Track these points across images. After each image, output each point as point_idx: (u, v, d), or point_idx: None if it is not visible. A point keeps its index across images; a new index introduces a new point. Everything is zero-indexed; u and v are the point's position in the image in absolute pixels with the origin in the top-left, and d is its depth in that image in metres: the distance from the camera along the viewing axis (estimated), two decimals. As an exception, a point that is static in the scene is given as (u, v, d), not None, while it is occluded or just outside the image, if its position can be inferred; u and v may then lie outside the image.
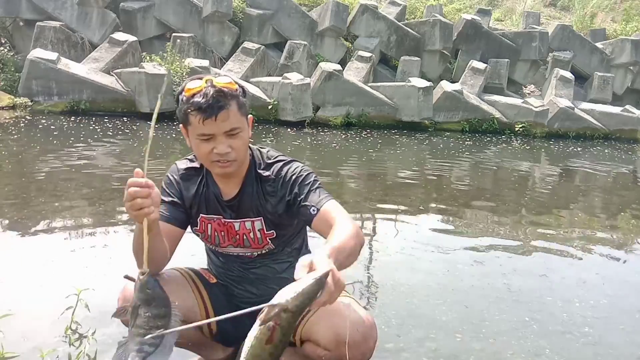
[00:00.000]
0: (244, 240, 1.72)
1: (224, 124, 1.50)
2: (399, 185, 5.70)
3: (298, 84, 8.78)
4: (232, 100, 1.51)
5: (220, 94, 1.48)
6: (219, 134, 1.51)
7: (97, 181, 4.77)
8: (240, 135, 1.55)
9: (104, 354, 1.97)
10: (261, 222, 1.69)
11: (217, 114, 1.48)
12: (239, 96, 1.55)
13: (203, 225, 1.73)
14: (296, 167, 1.68)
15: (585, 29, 13.38)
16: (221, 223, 1.71)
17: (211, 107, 1.47)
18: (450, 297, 2.79)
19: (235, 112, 1.52)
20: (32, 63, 7.89)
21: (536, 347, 2.32)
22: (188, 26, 10.05)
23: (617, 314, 2.76)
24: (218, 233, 1.73)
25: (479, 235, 4.04)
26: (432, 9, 12.26)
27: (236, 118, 1.52)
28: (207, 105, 1.47)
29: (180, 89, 1.57)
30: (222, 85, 1.51)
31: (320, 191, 1.62)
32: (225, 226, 1.72)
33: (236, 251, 1.76)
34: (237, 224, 1.70)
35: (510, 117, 10.44)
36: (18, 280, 2.62)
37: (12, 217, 3.59)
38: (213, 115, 1.48)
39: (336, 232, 1.43)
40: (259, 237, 1.71)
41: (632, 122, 11.00)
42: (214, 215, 1.71)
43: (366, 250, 3.47)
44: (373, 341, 1.64)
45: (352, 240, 1.41)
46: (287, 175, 1.65)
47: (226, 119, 1.50)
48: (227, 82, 1.53)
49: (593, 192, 6.28)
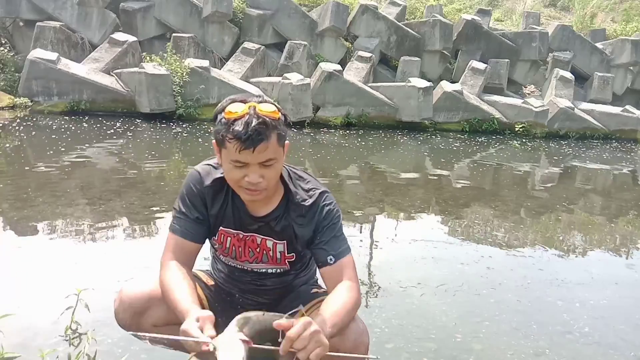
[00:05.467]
0: (263, 256, 1.70)
1: (261, 155, 1.44)
2: (398, 185, 5.69)
3: (298, 84, 8.78)
4: (273, 131, 1.44)
5: (262, 125, 1.40)
6: (253, 163, 1.45)
7: (97, 181, 4.77)
8: (275, 166, 1.49)
9: (104, 354, 1.97)
10: (284, 246, 1.68)
11: (256, 146, 1.41)
12: (280, 126, 1.47)
13: (222, 237, 1.71)
14: (329, 203, 1.64)
15: (585, 29, 13.39)
16: (240, 238, 1.68)
17: (251, 139, 1.40)
18: (450, 297, 2.79)
19: (274, 143, 1.45)
20: (32, 63, 7.89)
21: (536, 347, 2.32)
22: (188, 26, 10.05)
23: (617, 314, 2.76)
24: (236, 248, 1.70)
25: (479, 235, 4.04)
26: (432, 9, 12.27)
27: (274, 149, 1.45)
28: (247, 136, 1.39)
29: (220, 107, 1.49)
30: (266, 114, 1.43)
31: (342, 239, 1.62)
32: (245, 241, 1.69)
33: (252, 266, 1.73)
34: (259, 238, 1.68)
35: (510, 117, 10.44)
36: (18, 280, 2.62)
37: (12, 217, 3.59)
38: (252, 147, 1.41)
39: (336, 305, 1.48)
40: (278, 257, 1.70)
41: (632, 122, 11.00)
42: (234, 230, 1.68)
43: (366, 250, 3.47)
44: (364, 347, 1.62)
45: (347, 317, 1.48)
46: (319, 210, 1.62)
47: (264, 150, 1.43)
48: (271, 110, 1.45)
49: (593, 192, 6.28)
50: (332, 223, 1.62)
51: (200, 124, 8.30)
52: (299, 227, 1.64)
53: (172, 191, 4.49)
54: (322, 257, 1.60)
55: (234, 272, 1.77)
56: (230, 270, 1.78)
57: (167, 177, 5.23)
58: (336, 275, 1.58)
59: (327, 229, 1.61)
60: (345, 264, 1.59)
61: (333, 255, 1.58)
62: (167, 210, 3.87)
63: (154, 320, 1.67)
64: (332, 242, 1.60)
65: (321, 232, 1.61)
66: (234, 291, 1.82)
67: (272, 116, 1.44)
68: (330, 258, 1.58)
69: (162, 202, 4.13)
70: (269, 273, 1.74)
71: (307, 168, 6.23)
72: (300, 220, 1.63)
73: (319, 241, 1.61)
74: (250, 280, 1.78)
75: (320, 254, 1.61)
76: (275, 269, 1.73)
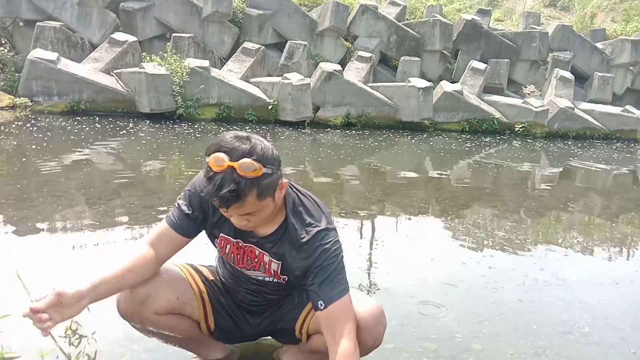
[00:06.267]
0: (261, 267, 1.71)
1: (237, 210, 1.46)
2: (398, 185, 5.69)
3: (298, 84, 8.78)
4: (251, 190, 1.42)
5: (233, 192, 1.39)
6: (233, 214, 1.49)
7: (97, 181, 4.77)
8: (259, 214, 1.50)
9: (104, 354, 1.97)
10: (278, 266, 1.68)
11: (229, 207, 1.43)
12: (261, 183, 1.43)
13: (222, 243, 1.72)
14: (326, 242, 1.59)
15: (585, 29, 13.37)
16: (239, 247, 1.70)
17: (223, 201, 1.41)
18: (450, 297, 2.79)
19: (253, 201, 1.44)
20: (32, 63, 7.88)
21: (536, 347, 2.32)
22: (188, 26, 10.05)
23: (617, 314, 2.76)
24: (235, 255, 1.72)
25: (479, 235, 4.05)
26: (432, 9, 12.26)
27: (252, 205, 1.45)
28: (218, 199, 1.42)
29: (210, 148, 1.46)
30: (245, 174, 1.40)
31: (336, 281, 1.58)
32: (244, 250, 1.70)
33: (249, 273, 1.75)
34: (257, 251, 1.68)
35: (510, 117, 10.43)
36: (18, 280, 2.62)
37: (12, 217, 3.59)
38: (224, 207, 1.45)
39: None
40: (272, 272, 1.70)
41: (632, 123, 11.00)
42: (234, 239, 1.69)
43: (366, 250, 3.47)
44: (383, 327, 1.71)
45: None
46: (313, 250, 1.59)
47: (239, 208, 1.44)
48: (250, 170, 1.41)
49: (593, 193, 6.28)
50: (326, 264, 1.58)
51: (200, 124, 8.30)
52: (292, 260, 1.63)
53: (172, 191, 4.49)
54: (313, 301, 1.60)
55: (236, 272, 1.79)
56: (233, 269, 1.79)
57: (167, 177, 5.23)
58: (329, 324, 1.57)
59: (320, 270, 1.58)
60: (337, 310, 1.56)
61: (323, 301, 1.56)
62: (167, 210, 3.87)
63: (155, 308, 1.69)
64: (323, 285, 1.57)
65: (313, 272, 1.58)
66: (237, 288, 1.83)
67: (251, 176, 1.41)
68: (320, 304, 1.57)
69: (162, 202, 4.12)
70: (267, 281, 1.75)
71: (308, 167, 6.23)
72: (293, 255, 1.62)
73: (311, 282, 1.59)
74: (251, 283, 1.78)
75: (312, 297, 1.61)
76: (272, 279, 1.73)
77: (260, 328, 1.90)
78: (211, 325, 1.84)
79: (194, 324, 1.82)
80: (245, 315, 1.87)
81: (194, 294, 1.79)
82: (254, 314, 1.86)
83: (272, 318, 1.86)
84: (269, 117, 8.88)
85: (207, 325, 1.83)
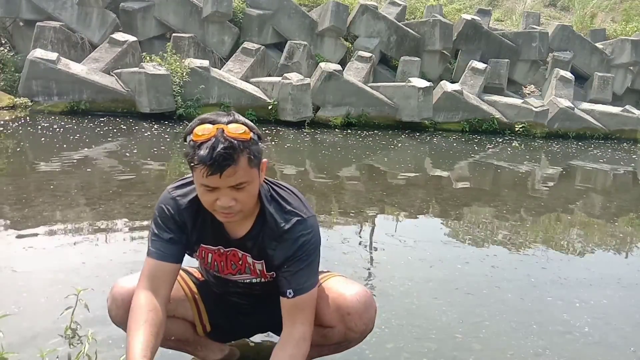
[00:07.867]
0: (246, 269, 1.68)
1: (230, 179, 1.39)
2: (398, 186, 5.69)
3: (298, 84, 8.78)
4: (242, 153, 1.38)
5: (229, 149, 1.36)
6: (223, 187, 1.41)
7: (97, 181, 4.77)
8: (248, 189, 1.45)
9: (104, 354, 1.97)
10: (262, 265, 1.65)
11: (223, 171, 1.37)
12: (251, 147, 1.41)
13: (202, 254, 1.69)
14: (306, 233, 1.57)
15: (585, 29, 13.37)
16: (221, 253, 1.66)
17: (217, 164, 1.35)
18: (450, 297, 2.79)
19: (245, 166, 1.40)
20: (32, 63, 7.88)
21: (536, 347, 2.32)
22: (188, 26, 10.05)
23: (617, 314, 2.76)
24: (218, 263, 1.69)
25: (479, 235, 4.05)
26: (432, 9, 12.25)
27: (244, 172, 1.40)
28: (212, 161, 1.35)
29: (189, 128, 1.44)
30: (234, 135, 1.38)
31: (309, 273, 1.57)
32: (227, 255, 1.67)
33: (235, 278, 1.72)
34: (240, 253, 1.65)
35: (510, 117, 10.43)
36: (18, 281, 2.62)
37: (12, 217, 3.59)
38: (218, 172, 1.36)
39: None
40: (258, 272, 1.68)
41: (632, 122, 11.00)
42: (215, 247, 1.66)
43: (366, 250, 3.47)
44: (374, 310, 1.69)
45: None
46: (294, 239, 1.56)
47: (232, 174, 1.38)
48: (240, 132, 1.40)
49: (593, 193, 6.28)
50: (304, 254, 1.56)
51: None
52: (272, 250, 1.60)
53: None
54: (282, 288, 1.58)
55: (222, 280, 1.76)
56: (218, 278, 1.77)
57: (167, 177, 5.23)
58: (292, 311, 1.56)
59: (297, 260, 1.56)
60: (303, 301, 1.56)
61: (293, 290, 1.55)
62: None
63: None
64: (298, 275, 1.56)
65: (290, 261, 1.57)
66: (226, 296, 1.82)
67: (241, 138, 1.39)
68: (289, 292, 1.56)
69: (162, 202, 4.12)
70: (254, 282, 1.73)
71: (308, 167, 6.24)
72: (273, 245, 1.59)
73: (286, 270, 1.57)
74: (239, 287, 1.77)
75: (282, 284, 1.58)
76: (259, 279, 1.71)
77: (255, 326, 1.92)
78: (207, 325, 1.83)
79: (189, 326, 1.81)
80: (239, 317, 1.86)
81: (185, 295, 1.78)
82: (246, 314, 1.86)
83: (266, 314, 1.85)
84: (269, 117, 8.88)
85: (203, 325, 1.83)
